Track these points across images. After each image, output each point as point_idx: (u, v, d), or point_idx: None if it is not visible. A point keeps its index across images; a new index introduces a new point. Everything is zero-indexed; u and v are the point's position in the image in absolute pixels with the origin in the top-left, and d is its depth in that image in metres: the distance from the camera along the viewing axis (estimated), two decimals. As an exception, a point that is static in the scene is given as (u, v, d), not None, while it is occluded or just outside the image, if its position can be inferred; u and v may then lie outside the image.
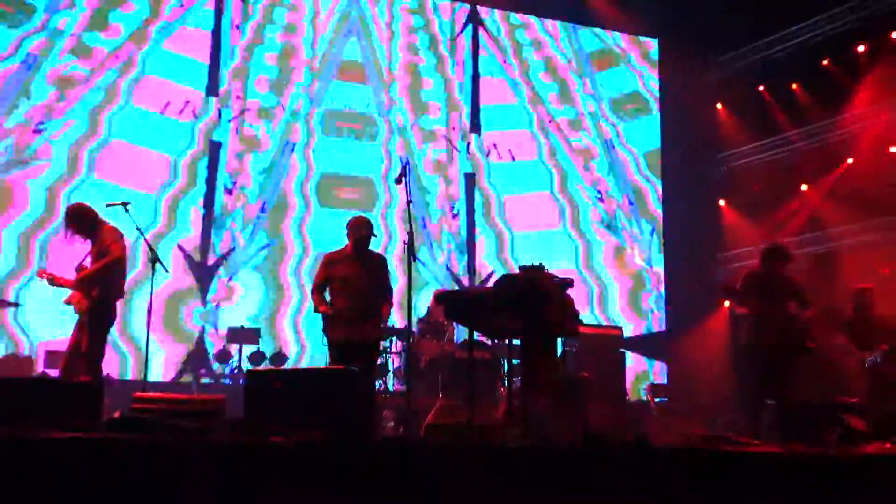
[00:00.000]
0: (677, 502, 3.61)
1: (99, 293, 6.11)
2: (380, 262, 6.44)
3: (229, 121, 11.16)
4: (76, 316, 6.24)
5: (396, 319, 10.44)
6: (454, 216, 12.10)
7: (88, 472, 3.08)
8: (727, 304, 12.35)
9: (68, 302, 6.23)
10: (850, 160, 11.75)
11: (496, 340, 7.57)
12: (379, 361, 9.83)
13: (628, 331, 11.67)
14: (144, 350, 6.73)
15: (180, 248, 10.49)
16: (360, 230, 6.34)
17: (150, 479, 3.12)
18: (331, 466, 3.36)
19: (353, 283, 6.22)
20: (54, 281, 6.33)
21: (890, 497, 3.95)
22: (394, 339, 9.57)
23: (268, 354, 10.27)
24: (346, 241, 6.45)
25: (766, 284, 6.78)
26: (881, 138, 11.43)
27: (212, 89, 11.19)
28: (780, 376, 6.39)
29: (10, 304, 9.50)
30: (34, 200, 9.94)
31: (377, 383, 9.47)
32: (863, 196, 11.41)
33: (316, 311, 6.35)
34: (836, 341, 7.90)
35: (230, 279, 10.70)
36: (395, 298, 6.66)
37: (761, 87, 12.97)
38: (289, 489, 3.25)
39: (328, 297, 6.38)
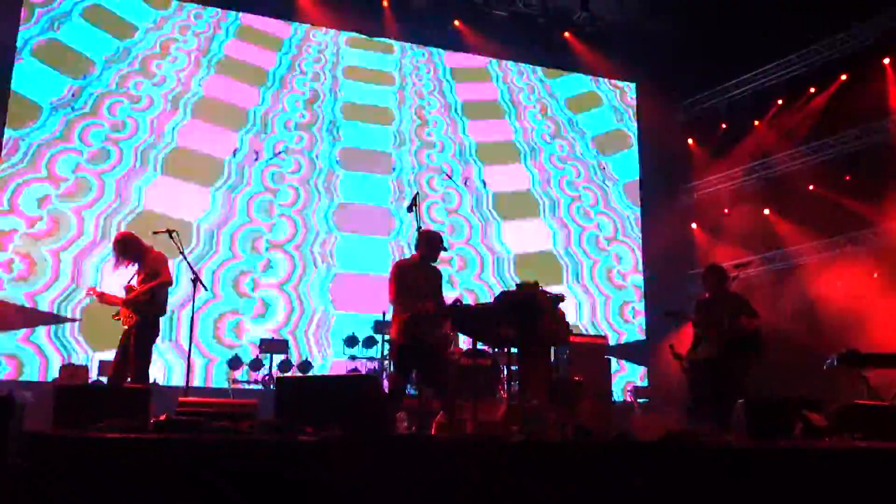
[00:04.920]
0: (657, 490, 3.58)
1: (146, 310, 6.11)
2: (439, 273, 5.99)
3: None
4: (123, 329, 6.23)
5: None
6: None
7: (139, 468, 3.07)
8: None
9: (117, 317, 6.22)
10: (811, 187, 11.74)
11: (496, 349, 7.53)
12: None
13: (613, 339, 11.63)
14: (187, 359, 6.72)
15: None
16: (438, 246, 5.87)
17: (192, 473, 3.11)
18: (352, 461, 3.35)
19: (421, 289, 5.71)
20: (104, 298, 6.32)
21: (850, 486, 3.92)
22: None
23: (295, 363, 10.24)
24: (416, 252, 5.93)
25: (712, 306, 6.76)
26: (835, 167, 11.46)
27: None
28: (731, 383, 6.39)
29: (69, 320, 9.53)
30: (87, 228, 10.05)
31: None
32: (818, 219, 11.42)
33: (412, 311, 5.54)
34: None
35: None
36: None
37: (724, 125, 13.03)
38: (314, 481, 3.24)
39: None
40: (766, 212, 12.35)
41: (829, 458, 4.05)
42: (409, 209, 6.11)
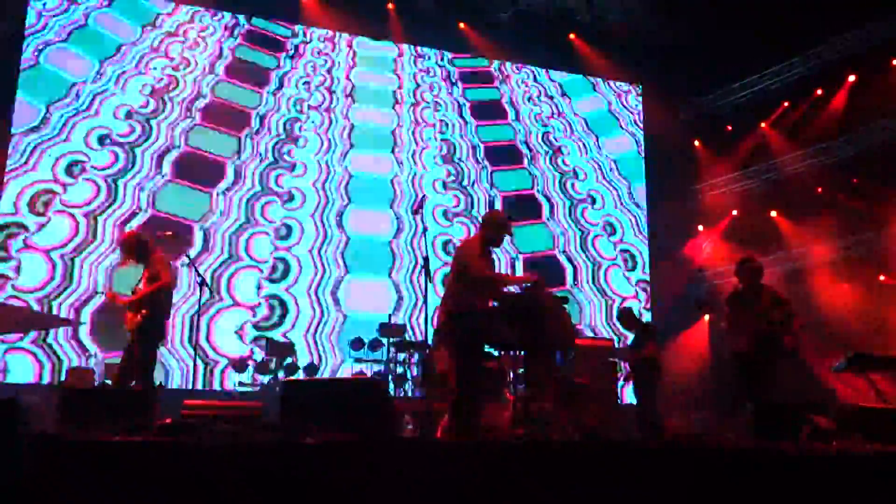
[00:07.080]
0: (660, 491, 3.58)
1: (149, 312, 6.12)
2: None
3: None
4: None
5: (414, 333, 10.43)
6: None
7: (144, 471, 3.08)
8: (707, 317, 12.29)
9: (122, 320, 6.24)
10: (819, 189, 11.69)
11: (502, 351, 7.51)
12: (399, 371, 9.81)
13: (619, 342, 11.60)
14: (192, 362, 6.73)
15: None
16: (504, 230, 5.56)
17: (197, 476, 3.11)
18: (357, 463, 3.35)
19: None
20: (115, 300, 6.34)
21: (855, 490, 3.90)
22: (412, 350, 9.53)
23: (301, 366, 10.24)
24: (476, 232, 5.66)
25: (746, 299, 6.65)
26: (842, 169, 11.42)
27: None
28: (762, 381, 6.30)
29: (74, 323, 9.57)
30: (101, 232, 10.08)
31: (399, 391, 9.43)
32: (824, 221, 11.38)
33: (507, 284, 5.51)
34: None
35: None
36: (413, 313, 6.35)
37: (729, 127, 13.01)
38: (319, 483, 3.24)
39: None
40: (773, 214, 12.32)
41: (834, 462, 4.03)
42: (415, 212, 6.11)
